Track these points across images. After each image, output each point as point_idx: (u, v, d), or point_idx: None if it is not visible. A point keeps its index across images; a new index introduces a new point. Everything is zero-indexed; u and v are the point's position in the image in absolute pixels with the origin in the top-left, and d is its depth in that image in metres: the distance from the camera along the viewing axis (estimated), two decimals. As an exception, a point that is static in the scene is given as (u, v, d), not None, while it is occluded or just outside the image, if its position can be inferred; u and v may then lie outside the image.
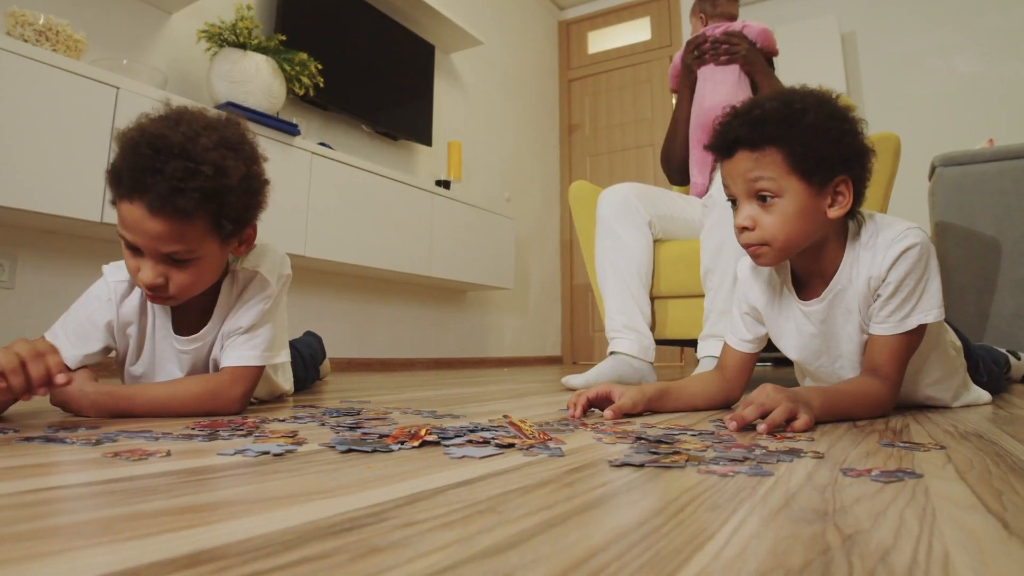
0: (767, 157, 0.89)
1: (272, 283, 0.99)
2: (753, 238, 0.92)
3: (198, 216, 0.83)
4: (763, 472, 0.53)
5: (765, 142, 0.89)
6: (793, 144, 0.88)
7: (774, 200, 0.90)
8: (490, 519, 0.38)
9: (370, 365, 2.91)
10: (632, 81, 4.56)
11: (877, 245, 0.93)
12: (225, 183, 0.83)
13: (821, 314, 0.99)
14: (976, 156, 2.01)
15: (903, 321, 0.92)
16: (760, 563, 0.31)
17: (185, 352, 0.98)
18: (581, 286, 4.55)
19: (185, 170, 0.79)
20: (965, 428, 0.83)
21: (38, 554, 0.31)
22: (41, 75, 1.60)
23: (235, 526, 0.36)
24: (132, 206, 0.81)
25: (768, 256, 0.93)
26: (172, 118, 0.84)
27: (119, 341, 0.97)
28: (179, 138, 0.80)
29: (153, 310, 0.97)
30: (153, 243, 0.83)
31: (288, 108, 2.58)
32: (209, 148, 0.82)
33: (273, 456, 0.59)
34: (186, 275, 0.87)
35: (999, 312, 1.91)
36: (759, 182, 0.90)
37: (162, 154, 0.79)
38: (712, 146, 0.95)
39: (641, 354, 1.72)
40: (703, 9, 1.98)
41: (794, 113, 0.88)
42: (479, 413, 1.00)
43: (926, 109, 3.79)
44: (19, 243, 1.81)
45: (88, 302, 0.96)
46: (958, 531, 0.37)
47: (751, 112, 0.90)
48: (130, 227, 0.82)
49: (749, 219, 0.91)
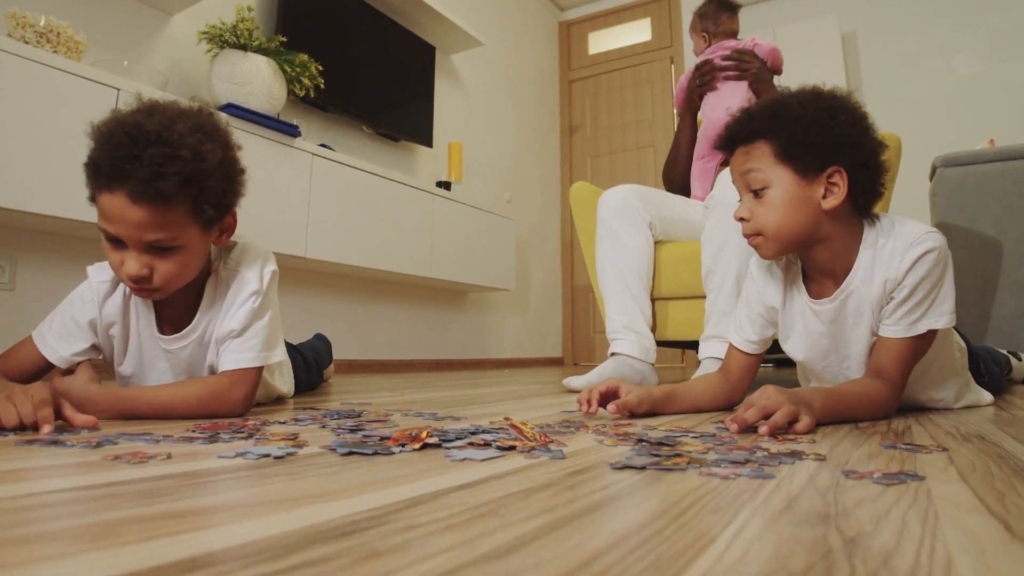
0: (757, 150, 0.93)
1: (256, 280, 0.98)
2: (748, 228, 0.96)
3: (179, 201, 0.84)
4: (765, 474, 0.52)
5: (755, 136, 0.94)
6: (779, 134, 0.91)
7: (765, 191, 0.93)
8: (492, 522, 0.38)
9: (370, 366, 2.91)
10: (633, 82, 4.56)
11: (895, 248, 0.92)
12: (203, 167, 0.84)
13: (832, 314, 0.98)
14: (977, 157, 2.01)
15: (913, 325, 0.91)
16: (762, 566, 0.31)
17: (171, 351, 0.98)
18: (582, 287, 4.54)
19: (163, 156, 0.80)
20: (967, 430, 0.83)
21: (38, 558, 0.31)
22: (42, 76, 1.60)
23: (236, 530, 0.36)
24: (113, 196, 0.81)
25: (764, 247, 0.96)
26: (145, 109, 0.85)
27: (104, 341, 0.97)
28: (154, 126, 0.81)
29: (136, 310, 0.97)
30: (136, 232, 0.83)
31: (289, 109, 2.58)
32: (185, 134, 0.83)
33: (274, 459, 0.59)
34: (170, 264, 0.87)
35: (1000, 313, 1.90)
36: (750, 174, 0.94)
37: (139, 142, 0.80)
38: (719, 148, 1.01)
39: (642, 355, 1.71)
40: (705, 28, 1.96)
41: (781, 106, 0.93)
42: (480, 415, 1.00)
43: (927, 109, 3.79)
44: (19, 244, 1.81)
45: (71, 303, 0.97)
46: (961, 534, 0.36)
47: (746, 111, 0.97)
48: (112, 218, 0.82)
49: (746, 211, 0.95)
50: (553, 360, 4.45)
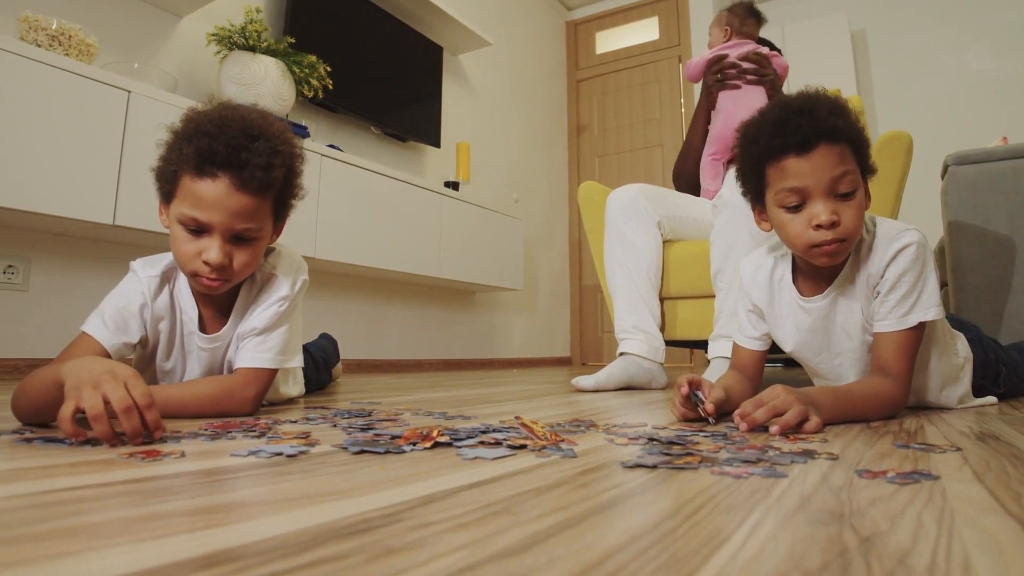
0: (847, 151, 0.89)
1: (288, 286, 1.00)
2: (838, 233, 0.89)
3: (271, 194, 0.90)
4: (777, 473, 0.52)
5: (842, 136, 0.89)
6: (858, 139, 0.90)
7: (856, 195, 0.90)
8: (505, 520, 0.38)
9: (380, 366, 2.92)
10: (640, 81, 4.54)
11: (877, 245, 0.95)
12: (297, 165, 0.93)
13: (822, 311, 1.00)
14: (990, 155, 1.99)
15: (904, 318, 0.93)
16: (778, 565, 0.31)
17: (205, 350, 0.99)
18: (590, 287, 4.54)
19: (270, 149, 0.87)
20: (981, 430, 0.82)
21: (57, 554, 0.31)
22: (54, 79, 1.62)
23: (251, 527, 0.36)
24: (215, 183, 0.85)
25: (843, 253, 0.93)
26: (231, 106, 0.90)
27: (151, 334, 0.98)
28: (260, 121, 0.88)
29: (180, 307, 0.99)
30: (230, 220, 0.86)
31: (297, 110, 2.60)
32: (283, 131, 0.90)
33: (286, 457, 0.59)
34: (246, 255, 0.91)
35: (1014, 312, 1.89)
36: (846, 176, 0.88)
37: (249, 134, 0.85)
38: (786, 141, 0.89)
39: (651, 355, 1.71)
40: (729, 22, 1.96)
41: (839, 105, 0.90)
42: (490, 414, 1.00)
43: (938, 107, 3.76)
44: (33, 246, 1.83)
45: (123, 293, 0.96)
46: (977, 534, 0.36)
47: (826, 102, 0.89)
48: (208, 205, 0.85)
49: (835, 214, 0.89)
50: (561, 360, 4.44)
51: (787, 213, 0.92)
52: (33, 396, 0.75)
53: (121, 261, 0.98)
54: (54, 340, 1.75)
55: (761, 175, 0.94)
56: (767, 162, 0.92)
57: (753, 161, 0.94)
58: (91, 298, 1.00)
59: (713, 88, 1.90)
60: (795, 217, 0.91)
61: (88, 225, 1.73)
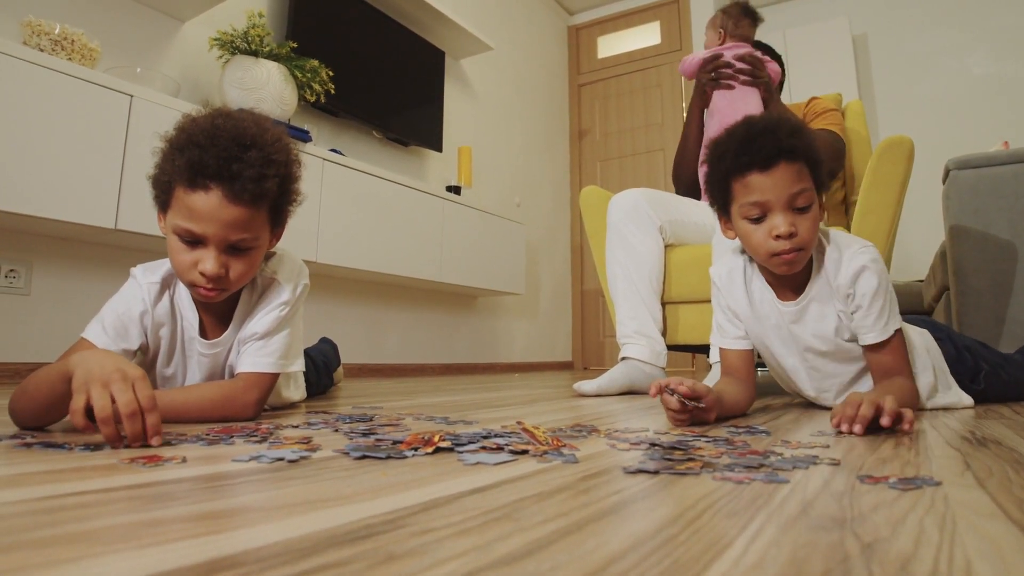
0: (804, 170, 0.97)
1: (289, 291, 1.00)
2: (795, 243, 0.97)
3: (265, 203, 0.88)
4: (779, 479, 0.52)
5: (800, 155, 0.96)
6: (815, 159, 0.97)
7: (811, 208, 0.97)
8: (507, 526, 0.38)
9: (381, 370, 2.92)
10: (642, 86, 4.55)
11: (842, 257, 1.03)
12: (292, 172, 0.92)
13: (795, 316, 1.07)
14: (991, 159, 1.99)
15: (886, 327, 1.02)
16: (779, 571, 0.31)
17: (206, 356, 0.99)
18: (592, 291, 4.54)
19: (263, 159, 0.85)
20: (983, 435, 0.82)
21: (58, 560, 0.31)
22: (57, 84, 1.62)
23: (253, 533, 0.36)
24: (208, 195, 0.84)
25: (800, 262, 1.01)
26: (224, 114, 0.89)
27: (151, 340, 0.98)
28: (254, 128, 0.86)
29: (181, 313, 0.99)
30: (224, 231, 0.85)
31: (299, 115, 2.60)
32: (277, 139, 0.88)
33: (288, 462, 0.59)
34: (243, 264, 0.90)
35: (1015, 316, 1.88)
36: (803, 193, 0.96)
37: (242, 144, 0.84)
38: (751, 159, 0.96)
39: (653, 359, 1.71)
40: (724, 24, 1.96)
41: (800, 126, 0.98)
42: (491, 419, 1.00)
43: (939, 111, 3.76)
44: (35, 250, 1.83)
45: (123, 300, 0.96)
46: (979, 540, 0.36)
47: (787, 125, 0.96)
48: (202, 217, 0.84)
49: (793, 226, 0.96)
50: (563, 364, 4.44)
51: (750, 224, 1.00)
52: (36, 394, 0.75)
53: (123, 265, 0.98)
54: (55, 344, 1.76)
55: (727, 189, 1.01)
56: (733, 177, 0.99)
57: (720, 176, 1.01)
58: (93, 302, 1.00)
59: (707, 87, 1.90)
60: (757, 228, 0.99)
61: (90, 229, 1.73)
